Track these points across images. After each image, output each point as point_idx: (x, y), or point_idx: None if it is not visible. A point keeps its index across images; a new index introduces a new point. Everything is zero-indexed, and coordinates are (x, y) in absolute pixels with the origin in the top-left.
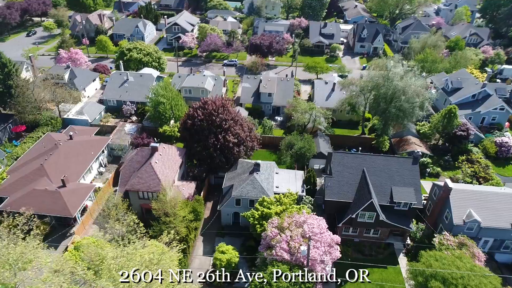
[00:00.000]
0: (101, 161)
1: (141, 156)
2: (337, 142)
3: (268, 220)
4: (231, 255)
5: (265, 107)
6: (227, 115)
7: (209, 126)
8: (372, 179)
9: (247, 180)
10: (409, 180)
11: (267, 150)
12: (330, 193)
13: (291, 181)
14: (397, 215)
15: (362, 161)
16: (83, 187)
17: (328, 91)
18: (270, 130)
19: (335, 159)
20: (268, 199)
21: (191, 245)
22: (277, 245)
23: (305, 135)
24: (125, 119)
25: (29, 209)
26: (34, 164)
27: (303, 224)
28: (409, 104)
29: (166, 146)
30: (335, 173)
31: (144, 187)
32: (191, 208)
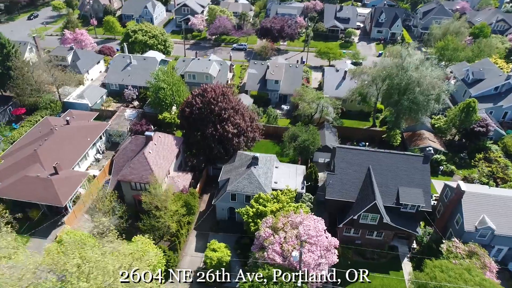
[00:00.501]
0: (99, 148)
1: (135, 145)
2: (345, 134)
3: (263, 219)
4: (222, 253)
5: (271, 95)
6: (227, 103)
7: (207, 115)
8: (377, 178)
9: (243, 174)
10: (418, 181)
11: (270, 141)
12: (332, 191)
13: (291, 176)
14: (403, 218)
15: (368, 158)
16: (76, 175)
17: (339, 80)
18: (275, 120)
19: (339, 154)
20: (265, 195)
21: (182, 241)
22: (270, 247)
23: (310, 127)
24: (127, 104)
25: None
26: (28, 149)
27: (299, 225)
28: (424, 97)
29: (162, 135)
30: (338, 170)
31: (136, 178)
32: (184, 201)
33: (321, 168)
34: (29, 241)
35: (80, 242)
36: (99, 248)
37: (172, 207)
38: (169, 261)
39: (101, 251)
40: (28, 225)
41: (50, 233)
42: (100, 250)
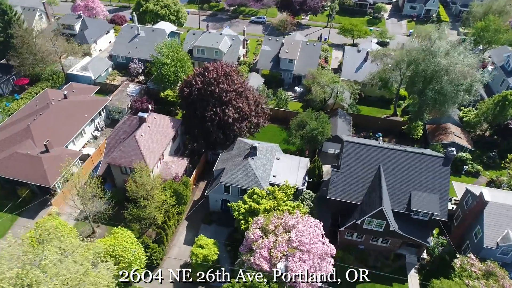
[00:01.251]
0: (97, 124)
1: (129, 126)
2: (360, 123)
3: (254, 218)
4: (209, 251)
5: (284, 75)
6: (229, 85)
7: (207, 96)
8: (388, 179)
9: (239, 165)
10: (435, 185)
11: (278, 126)
12: (334, 191)
13: (292, 170)
14: (413, 225)
15: (380, 156)
16: (69, 154)
17: (360, 61)
18: (285, 103)
19: (347, 149)
20: (260, 191)
21: (170, 233)
22: (257, 251)
23: (321, 114)
24: (132, 78)
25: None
26: (22, 124)
27: (292, 228)
28: (452, 87)
29: (157, 116)
30: (344, 167)
31: (126, 162)
32: (174, 191)
33: (330, 159)
34: (16, 220)
35: (48, 237)
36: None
37: (161, 196)
38: (153, 254)
39: (61, 250)
40: (17, 204)
41: (38, 214)
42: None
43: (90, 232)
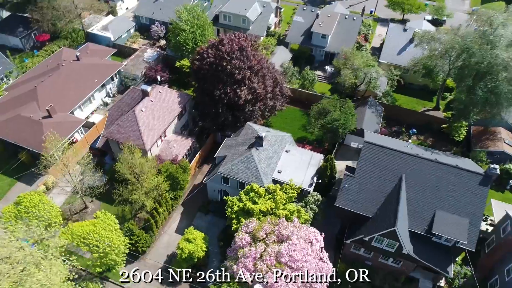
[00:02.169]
0: (109, 91)
1: (132, 98)
2: (393, 116)
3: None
4: (196, 247)
5: (316, 52)
6: (244, 62)
7: (218, 73)
8: (410, 193)
9: (241, 155)
10: (466, 206)
11: (300, 110)
12: (344, 198)
13: (301, 166)
14: (433, 249)
15: (404, 164)
16: (71, 121)
17: (404, 42)
18: (311, 84)
19: (366, 152)
20: (259, 188)
21: (160, 220)
22: (242, 260)
23: (347, 102)
24: (153, 42)
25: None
26: (30, 84)
27: (286, 239)
28: (511, 87)
29: (162, 90)
30: (360, 172)
31: (123, 138)
32: (169, 175)
33: (351, 154)
34: (15, 184)
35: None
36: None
37: (153, 180)
38: (138, 241)
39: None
40: (16, 168)
41: (35, 181)
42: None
43: (82, 207)
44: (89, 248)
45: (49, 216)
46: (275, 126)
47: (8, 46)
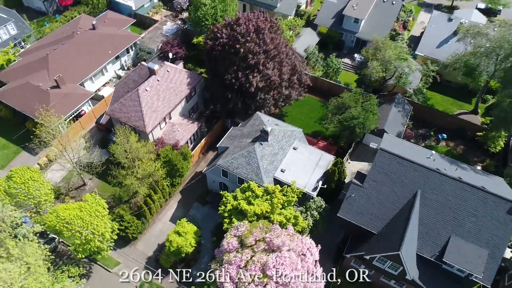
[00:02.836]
0: (124, 63)
1: (139, 75)
2: (423, 116)
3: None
4: (185, 242)
5: (346, 37)
6: (259, 45)
7: (230, 55)
8: (424, 212)
9: (243, 149)
10: (488, 237)
11: (320, 100)
12: (348, 209)
13: (308, 166)
14: (443, 278)
15: (422, 179)
16: (79, 93)
17: (447, 34)
18: (335, 73)
19: (380, 160)
20: (257, 187)
21: (153, 207)
22: (225, 266)
23: (370, 98)
24: (176, 14)
25: None
26: (43, 52)
27: (276, 249)
28: None
29: (171, 69)
30: (370, 182)
31: (124, 118)
32: (167, 161)
33: (369, 155)
34: (20, 153)
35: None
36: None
37: (148, 167)
38: (128, 228)
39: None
40: (22, 136)
41: (39, 152)
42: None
43: (81, 184)
44: (71, 233)
45: (39, 195)
46: (290, 117)
47: (32, 9)
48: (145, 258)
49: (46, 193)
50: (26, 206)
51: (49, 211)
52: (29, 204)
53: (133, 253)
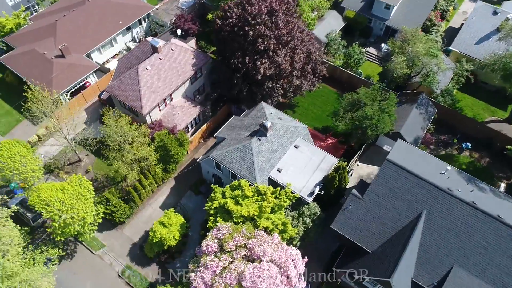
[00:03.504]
0: (135, 35)
1: (142, 52)
2: (448, 121)
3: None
4: (169, 234)
5: (374, 24)
6: (271, 29)
7: (239, 38)
8: (427, 236)
9: (240, 143)
10: (496, 273)
11: (336, 92)
12: (343, 222)
13: (308, 168)
14: None
15: (429, 198)
16: (83, 65)
17: (489, 29)
18: (357, 64)
19: (385, 173)
20: (247, 186)
21: (143, 193)
22: (201, 269)
23: (390, 97)
24: None
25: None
26: (52, 18)
27: (256, 259)
28: None
29: (176, 48)
30: (370, 195)
31: (122, 96)
32: (161, 145)
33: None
34: (22, 121)
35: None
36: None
37: (139, 152)
38: (115, 212)
39: None
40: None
41: (40, 121)
42: None
43: (76, 160)
44: (50, 215)
45: (24, 171)
46: (301, 107)
47: None
48: (130, 244)
49: (33, 169)
50: (13, 180)
51: (33, 188)
52: (15, 179)
53: (119, 238)
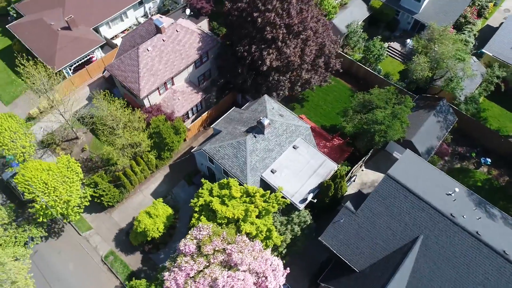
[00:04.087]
0: (148, 10)
1: (146, 31)
2: (468, 132)
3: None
4: (154, 225)
5: (402, 17)
6: (282, 18)
7: (246, 24)
8: (422, 263)
9: (234, 138)
10: None
11: (351, 89)
12: (333, 235)
13: (304, 172)
14: None
15: (429, 222)
16: (89, 39)
17: None
18: (376, 60)
19: (384, 189)
20: (237, 186)
21: (135, 179)
22: (175, 270)
23: (406, 101)
24: None
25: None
26: None
27: (234, 266)
28: None
29: (181, 29)
30: (365, 210)
31: (121, 76)
32: (156, 131)
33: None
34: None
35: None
36: None
37: (131, 137)
38: (103, 196)
39: None
40: None
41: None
42: None
43: (73, 137)
44: (32, 196)
45: (14, 147)
46: (310, 102)
47: None
48: (117, 229)
49: (24, 146)
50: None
51: (21, 166)
52: (5, 154)
53: (107, 221)
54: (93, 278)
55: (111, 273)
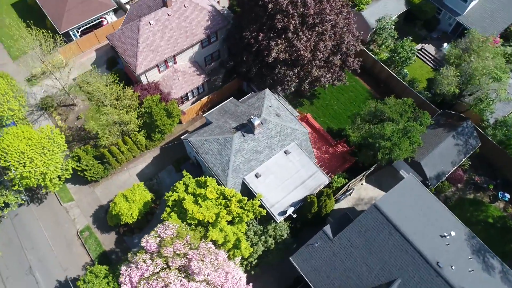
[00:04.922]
0: None
1: (154, 2)
2: (489, 160)
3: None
4: (129, 210)
5: (443, 16)
6: (295, 6)
7: (256, 9)
8: None
9: (222, 134)
10: None
11: (369, 92)
12: (304, 258)
13: (291, 181)
14: None
15: (410, 267)
16: (100, 2)
17: None
18: (403, 63)
19: (368, 218)
20: (215, 186)
21: (122, 158)
22: (131, 266)
23: (423, 117)
24: None
25: None
26: None
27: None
28: None
29: (190, 5)
30: (342, 240)
31: (121, 48)
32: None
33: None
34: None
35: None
36: None
37: (118, 115)
38: (86, 170)
39: None
40: None
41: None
42: None
43: (71, 103)
44: (7, 165)
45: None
46: (321, 100)
47: None
48: (98, 205)
49: (12, 109)
50: None
51: (5, 130)
52: None
53: (89, 195)
54: (65, 251)
55: (84, 248)
